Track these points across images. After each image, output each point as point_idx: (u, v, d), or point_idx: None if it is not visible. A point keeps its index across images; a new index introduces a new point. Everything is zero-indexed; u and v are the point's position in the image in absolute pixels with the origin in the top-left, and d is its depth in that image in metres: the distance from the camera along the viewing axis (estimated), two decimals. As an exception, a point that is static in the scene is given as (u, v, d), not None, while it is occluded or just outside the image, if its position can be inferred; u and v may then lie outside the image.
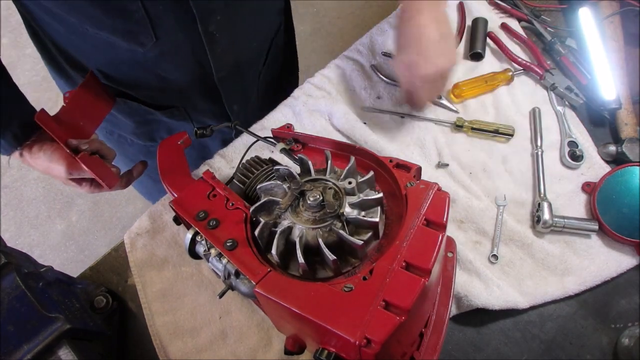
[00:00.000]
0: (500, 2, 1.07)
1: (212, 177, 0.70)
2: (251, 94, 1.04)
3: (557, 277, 0.79)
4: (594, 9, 1.00)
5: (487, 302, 0.74)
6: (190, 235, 0.67)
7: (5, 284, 0.60)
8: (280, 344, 0.74)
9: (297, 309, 0.51)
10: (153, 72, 0.83)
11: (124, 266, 0.83)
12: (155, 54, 0.77)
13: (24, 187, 2.24)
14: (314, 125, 0.93)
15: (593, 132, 0.92)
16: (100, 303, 0.76)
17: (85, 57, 0.83)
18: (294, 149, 0.76)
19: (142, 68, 0.82)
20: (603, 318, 0.77)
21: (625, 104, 0.91)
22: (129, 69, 0.83)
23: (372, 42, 1.03)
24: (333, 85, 0.97)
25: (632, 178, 0.81)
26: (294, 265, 0.60)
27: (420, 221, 0.57)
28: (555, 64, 1.00)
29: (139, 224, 0.84)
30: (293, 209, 0.61)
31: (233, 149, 0.91)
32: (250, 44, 0.92)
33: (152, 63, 0.80)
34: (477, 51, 1.00)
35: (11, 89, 0.77)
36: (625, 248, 0.80)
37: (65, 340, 0.60)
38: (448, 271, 0.72)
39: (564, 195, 0.86)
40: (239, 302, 0.78)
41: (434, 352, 0.62)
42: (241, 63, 0.92)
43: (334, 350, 0.51)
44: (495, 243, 0.81)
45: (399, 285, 0.51)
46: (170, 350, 0.75)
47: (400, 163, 0.65)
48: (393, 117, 0.94)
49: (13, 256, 0.63)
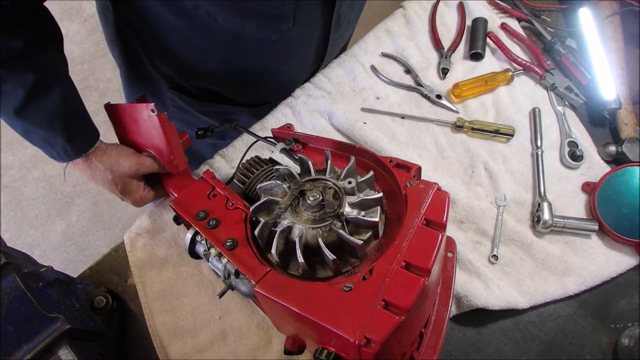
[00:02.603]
0: (500, 2, 1.07)
1: (212, 177, 0.70)
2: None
3: (557, 277, 0.79)
4: (594, 9, 1.00)
5: (487, 302, 0.74)
6: (190, 235, 0.67)
7: (5, 284, 0.60)
8: (280, 344, 0.74)
9: (296, 308, 0.51)
10: (269, 66, 0.87)
11: (124, 266, 0.83)
12: (282, 44, 0.81)
13: (24, 187, 2.24)
14: (314, 125, 0.93)
15: (593, 132, 0.92)
16: (100, 303, 0.76)
17: (197, 56, 0.85)
18: (294, 149, 0.76)
19: (260, 61, 0.85)
20: (603, 318, 0.76)
21: (625, 104, 0.91)
22: (242, 65, 0.86)
23: (372, 42, 1.03)
24: (333, 85, 0.97)
25: (632, 178, 0.81)
26: (294, 264, 0.60)
27: (420, 221, 0.57)
28: (555, 64, 1.00)
29: (139, 224, 0.84)
30: (293, 208, 0.61)
31: (233, 149, 0.91)
32: (351, 28, 0.99)
33: (274, 54, 0.84)
34: (477, 51, 1.00)
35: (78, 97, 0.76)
36: (625, 248, 0.80)
37: (65, 340, 0.60)
38: (448, 271, 0.72)
39: (564, 195, 0.86)
40: (239, 302, 0.78)
41: (434, 352, 0.62)
42: (340, 52, 1.00)
43: (334, 350, 0.51)
44: (495, 243, 0.81)
45: (399, 285, 0.51)
46: (170, 350, 0.75)
47: (400, 163, 0.65)
48: (393, 117, 0.94)
49: (13, 256, 0.63)
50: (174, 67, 0.91)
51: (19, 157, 2.28)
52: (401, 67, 1.01)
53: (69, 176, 2.24)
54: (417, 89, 0.97)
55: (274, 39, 0.79)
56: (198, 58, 0.86)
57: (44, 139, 0.68)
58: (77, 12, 2.72)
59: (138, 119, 0.72)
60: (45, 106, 0.66)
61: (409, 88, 0.98)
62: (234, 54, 0.84)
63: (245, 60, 0.86)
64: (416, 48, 1.02)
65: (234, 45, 0.81)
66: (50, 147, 0.69)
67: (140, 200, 0.79)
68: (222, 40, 0.80)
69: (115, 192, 0.76)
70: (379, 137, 0.89)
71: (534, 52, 0.99)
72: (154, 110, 0.67)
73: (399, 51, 1.03)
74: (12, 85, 0.63)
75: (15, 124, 0.67)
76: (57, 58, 0.69)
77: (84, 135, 0.71)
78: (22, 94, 0.63)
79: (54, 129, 0.67)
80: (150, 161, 0.75)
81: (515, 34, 1.02)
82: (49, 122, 0.67)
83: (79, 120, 0.71)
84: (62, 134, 0.68)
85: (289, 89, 0.97)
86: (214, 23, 0.75)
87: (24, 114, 0.65)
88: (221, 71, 0.89)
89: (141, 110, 0.69)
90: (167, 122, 0.69)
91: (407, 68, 1.00)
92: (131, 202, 0.78)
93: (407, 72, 1.00)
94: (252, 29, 0.76)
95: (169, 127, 0.70)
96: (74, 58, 2.57)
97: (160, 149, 0.74)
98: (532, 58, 1.00)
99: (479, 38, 1.01)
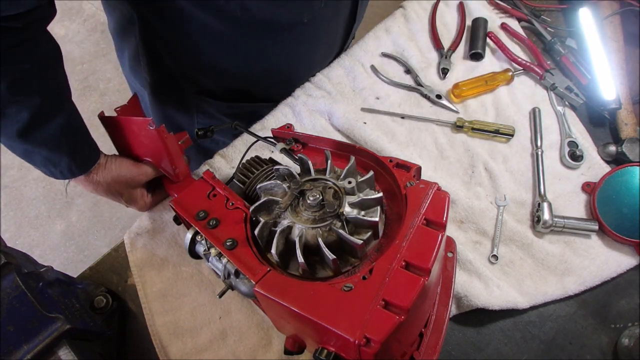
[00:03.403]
0: (500, 2, 1.07)
1: (212, 177, 0.70)
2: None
3: (557, 277, 0.79)
4: (594, 9, 1.00)
5: (487, 302, 0.74)
6: (190, 235, 0.67)
7: (5, 284, 0.60)
8: (280, 344, 0.74)
9: (296, 308, 0.51)
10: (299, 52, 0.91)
11: (124, 266, 0.83)
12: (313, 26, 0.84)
13: (24, 187, 2.24)
14: (314, 125, 0.93)
15: (593, 132, 0.92)
16: (100, 303, 0.76)
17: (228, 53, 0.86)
18: (294, 149, 0.76)
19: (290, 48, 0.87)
20: (603, 318, 0.76)
21: (625, 104, 0.91)
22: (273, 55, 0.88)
23: (372, 42, 1.03)
24: (333, 85, 0.97)
25: (632, 178, 0.81)
26: (294, 264, 0.60)
27: (420, 221, 0.57)
28: (555, 64, 1.00)
29: (139, 224, 0.84)
30: (293, 208, 0.61)
31: (233, 149, 0.91)
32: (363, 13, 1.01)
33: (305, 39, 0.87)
34: (477, 51, 1.00)
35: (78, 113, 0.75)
36: (625, 248, 0.80)
37: (65, 340, 0.60)
38: (448, 271, 0.72)
39: (564, 195, 0.86)
40: (239, 302, 0.78)
41: (434, 352, 0.62)
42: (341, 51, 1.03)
43: (334, 350, 0.51)
44: (495, 243, 0.81)
45: (399, 285, 0.51)
46: (170, 350, 0.75)
47: (400, 163, 0.65)
48: (393, 117, 0.94)
49: (13, 256, 0.63)
50: (203, 69, 0.91)
51: (19, 157, 2.28)
52: (401, 67, 1.01)
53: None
54: (417, 89, 0.97)
55: (306, 21, 0.80)
56: (229, 55, 0.86)
57: (47, 159, 0.67)
58: (77, 12, 2.73)
59: (136, 132, 0.71)
60: (51, 127, 0.64)
61: (409, 88, 0.98)
62: (266, 44, 0.85)
63: (276, 49, 0.87)
64: (416, 48, 1.03)
65: (266, 35, 0.83)
66: (53, 167, 0.68)
67: (145, 206, 0.82)
68: (255, 31, 0.81)
69: (121, 202, 0.77)
70: (379, 137, 0.89)
71: (534, 52, 0.99)
72: (152, 125, 0.66)
73: (399, 51, 1.03)
74: (17, 108, 0.61)
75: (15, 147, 0.66)
76: (61, 77, 0.68)
77: (86, 152, 0.70)
78: (26, 117, 0.61)
79: (59, 149, 0.66)
80: (151, 169, 0.76)
81: (515, 34, 1.02)
82: (55, 142, 0.65)
83: (82, 138, 0.70)
84: (68, 154, 0.66)
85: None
86: (246, 14, 0.75)
87: (27, 136, 0.63)
88: (251, 66, 0.90)
89: (139, 124, 0.69)
90: (166, 133, 0.68)
91: (407, 68, 1.00)
92: (137, 209, 0.82)
93: (407, 72, 1.00)
94: (285, 13, 0.78)
95: (168, 138, 0.69)
96: (74, 58, 2.57)
97: (161, 161, 0.74)
98: (532, 58, 1.00)
99: (479, 38, 1.01)
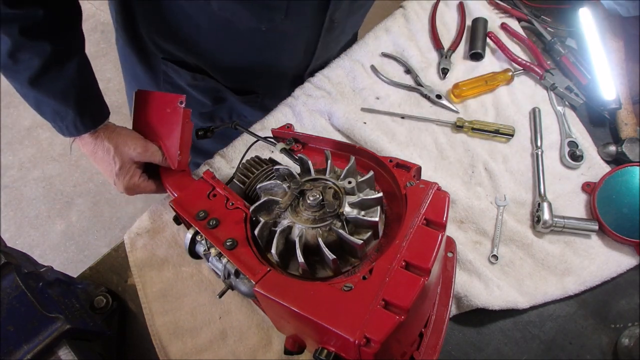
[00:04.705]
0: (500, 2, 1.07)
1: (212, 177, 0.70)
2: None
3: (557, 277, 0.79)
4: (594, 9, 1.00)
5: (487, 302, 0.74)
6: (190, 235, 0.67)
7: (5, 284, 0.60)
8: (280, 344, 0.74)
9: (296, 308, 0.51)
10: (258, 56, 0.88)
11: (124, 266, 0.83)
12: (272, 36, 0.82)
13: (24, 187, 2.24)
14: (314, 125, 0.93)
15: (593, 132, 0.92)
16: (100, 303, 0.76)
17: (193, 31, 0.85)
18: (294, 149, 0.76)
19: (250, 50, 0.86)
20: (603, 318, 0.76)
21: (625, 104, 0.91)
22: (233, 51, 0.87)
23: (372, 42, 1.03)
24: (333, 85, 0.97)
25: (632, 178, 0.81)
26: (294, 264, 0.60)
27: (420, 221, 0.57)
28: (555, 64, 1.00)
29: (139, 224, 0.84)
30: (293, 208, 0.61)
31: (233, 149, 0.91)
32: (347, 37, 0.99)
33: (263, 45, 0.85)
34: (477, 51, 1.00)
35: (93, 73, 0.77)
36: (625, 248, 0.80)
37: (65, 340, 0.60)
38: (448, 271, 0.72)
39: (564, 195, 0.86)
40: (239, 302, 0.78)
41: (434, 352, 0.62)
42: (330, 58, 1.00)
43: (334, 350, 0.51)
44: (495, 243, 0.81)
45: (399, 285, 0.51)
46: (170, 350, 0.75)
47: (400, 163, 0.65)
48: (393, 117, 0.94)
49: (13, 256, 0.63)
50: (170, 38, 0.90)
51: (19, 157, 2.28)
52: (401, 67, 1.01)
53: (69, 177, 2.24)
54: (417, 89, 0.97)
55: (264, 29, 0.79)
56: (194, 33, 0.86)
57: (55, 111, 0.69)
58: (77, 12, 2.72)
59: (163, 108, 0.76)
60: (60, 77, 0.67)
61: (409, 88, 0.98)
62: (225, 40, 0.85)
63: (235, 47, 0.87)
64: (416, 48, 1.03)
65: (226, 32, 0.82)
66: (60, 121, 0.70)
67: (134, 187, 0.77)
68: (216, 25, 0.81)
69: (112, 172, 0.75)
70: (379, 137, 0.89)
71: (534, 52, 0.99)
72: (183, 102, 0.73)
73: (399, 51, 1.03)
74: (29, 54, 0.64)
75: (28, 94, 0.68)
76: (75, 33, 0.71)
77: (95, 111, 0.72)
78: (38, 64, 0.64)
79: (66, 101, 0.68)
80: (156, 149, 0.76)
81: (515, 34, 1.02)
82: (63, 94, 0.68)
83: (92, 96, 0.73)
84: (74, 107, 0.69)
85: (276, 83, 0.98)
86: (208, 7, 0.76)
87: (38, 84, 0.66)
88: (212, 52, 0.90)
89: (171, 100, 0.74)
90: (189, 118, 0.74)
91: (407, 68, 1.00)
92: (124, 186, 0.76)
93: (407, 72, 1.00)
94: (244, 16, 0.77)
95: (188, 124, 0.75)
96: (74, 58, 2.57)
97: (170, 141, 0.76)
98: (532, 58, 1.00)
99: (479, 38, 1.01)
